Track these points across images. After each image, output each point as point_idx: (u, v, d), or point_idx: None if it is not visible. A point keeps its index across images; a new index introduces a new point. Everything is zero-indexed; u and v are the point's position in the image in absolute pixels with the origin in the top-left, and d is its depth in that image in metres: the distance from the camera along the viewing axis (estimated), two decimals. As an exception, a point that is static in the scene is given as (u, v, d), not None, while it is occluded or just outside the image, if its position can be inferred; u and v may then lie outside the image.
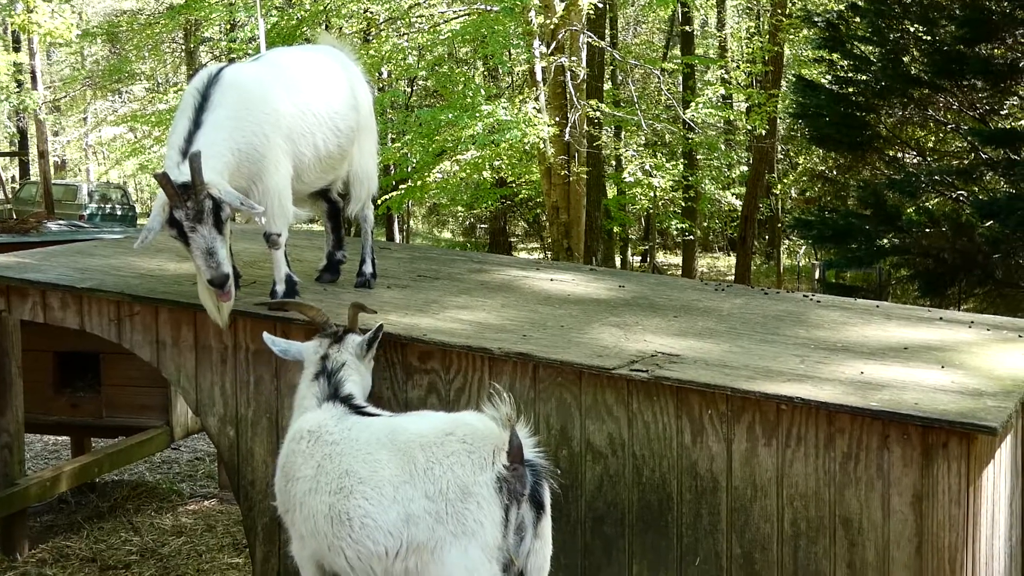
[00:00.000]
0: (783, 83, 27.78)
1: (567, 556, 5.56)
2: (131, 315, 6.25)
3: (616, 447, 5.49)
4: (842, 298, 7.92)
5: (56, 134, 49.03)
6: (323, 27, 25.28)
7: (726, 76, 31.68)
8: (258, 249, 7.23)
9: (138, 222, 40.54)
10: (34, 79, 33.92)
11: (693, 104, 24.88)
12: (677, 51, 34.64)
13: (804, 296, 7.67)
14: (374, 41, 23.51)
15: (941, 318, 7.08)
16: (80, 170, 54.89)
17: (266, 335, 5.73)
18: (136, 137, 37.01)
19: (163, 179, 5.56)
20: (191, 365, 6.17)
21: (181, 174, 5.60)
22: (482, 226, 44.29)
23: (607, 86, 25.83)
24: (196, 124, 5.86)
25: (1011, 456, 6.18)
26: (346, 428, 5.21)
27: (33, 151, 39.39)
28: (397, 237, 34.59)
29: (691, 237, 32.02)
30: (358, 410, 5.34)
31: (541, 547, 4.92)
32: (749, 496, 5.28)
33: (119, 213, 39.00)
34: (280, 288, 6.29)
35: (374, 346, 5.66)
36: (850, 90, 20.72)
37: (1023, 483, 6.61)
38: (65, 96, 45.90)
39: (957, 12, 17.55)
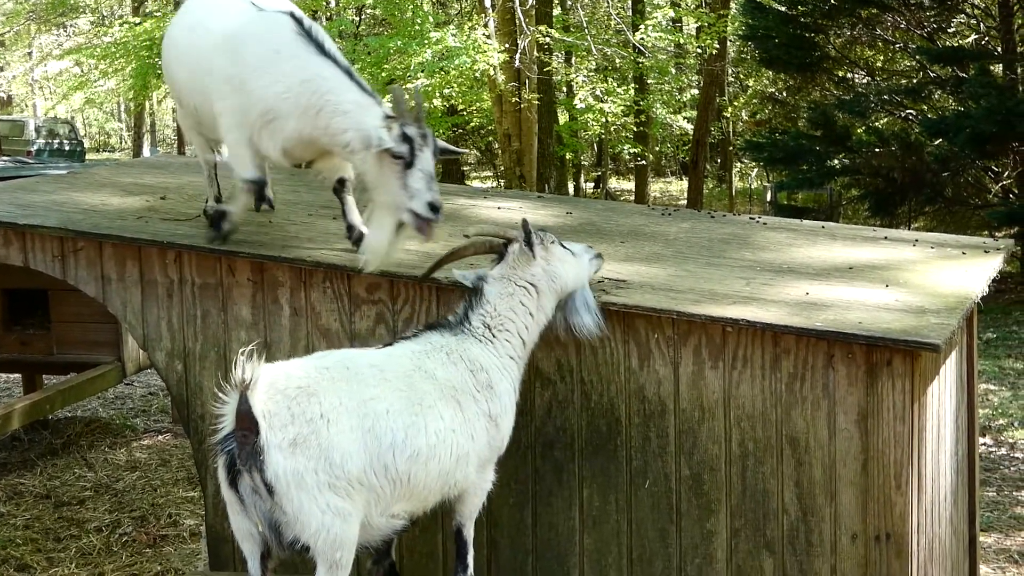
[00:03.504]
0: (732, 4, 27.73)
1: (518, 482, 5.59)
2: (75, 251, 6.19)
3: (564, 373, 5.51)
4: (788, 220, 7.94)
5: (1, 69, 48.41)
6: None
7: (675, -2, 31.60)
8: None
9: (87, 157, 40.22)
10: (-25, 14, 33.45)
11: (643, 28, 24.78)
12: (626, -26, 34.48)
13: (750, 219, 7.69)
14: (320, -31, 23.29)
15: (886, 237, 7.12)
16: (27, 105, 54.26)
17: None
18: (83, 71, 36.52)
19: (400, 95, 5.44)
20: (137, 300, 6.11)
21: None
22: (434, 155, 44.05)
23: (556, 11, 25.60)
24: (346, 68, 5.64)
25: (955, 372, 6.25)
26: None
27: (-23, 87, 38.87)
28: (349, 168, 34.37)
29: (643, 162, 32.06)
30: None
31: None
32: (697, 418, 5.32)
33: (67, 148, 38.68)
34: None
35: (533, 246, 5.24)
36: (799, 10, 20.75)
37: (968, 399, 6.70)
38: (9, 31, 45.24)
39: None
